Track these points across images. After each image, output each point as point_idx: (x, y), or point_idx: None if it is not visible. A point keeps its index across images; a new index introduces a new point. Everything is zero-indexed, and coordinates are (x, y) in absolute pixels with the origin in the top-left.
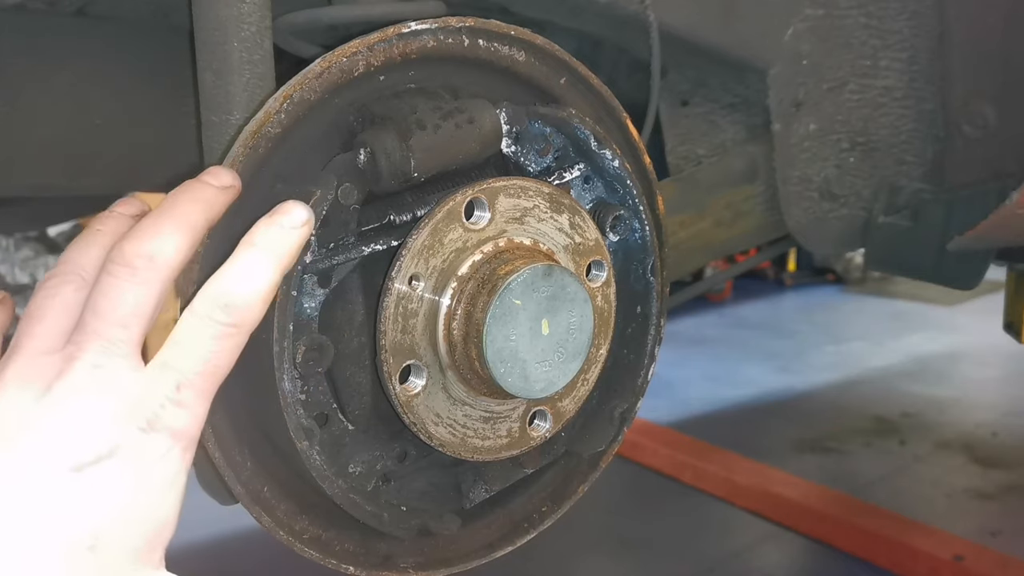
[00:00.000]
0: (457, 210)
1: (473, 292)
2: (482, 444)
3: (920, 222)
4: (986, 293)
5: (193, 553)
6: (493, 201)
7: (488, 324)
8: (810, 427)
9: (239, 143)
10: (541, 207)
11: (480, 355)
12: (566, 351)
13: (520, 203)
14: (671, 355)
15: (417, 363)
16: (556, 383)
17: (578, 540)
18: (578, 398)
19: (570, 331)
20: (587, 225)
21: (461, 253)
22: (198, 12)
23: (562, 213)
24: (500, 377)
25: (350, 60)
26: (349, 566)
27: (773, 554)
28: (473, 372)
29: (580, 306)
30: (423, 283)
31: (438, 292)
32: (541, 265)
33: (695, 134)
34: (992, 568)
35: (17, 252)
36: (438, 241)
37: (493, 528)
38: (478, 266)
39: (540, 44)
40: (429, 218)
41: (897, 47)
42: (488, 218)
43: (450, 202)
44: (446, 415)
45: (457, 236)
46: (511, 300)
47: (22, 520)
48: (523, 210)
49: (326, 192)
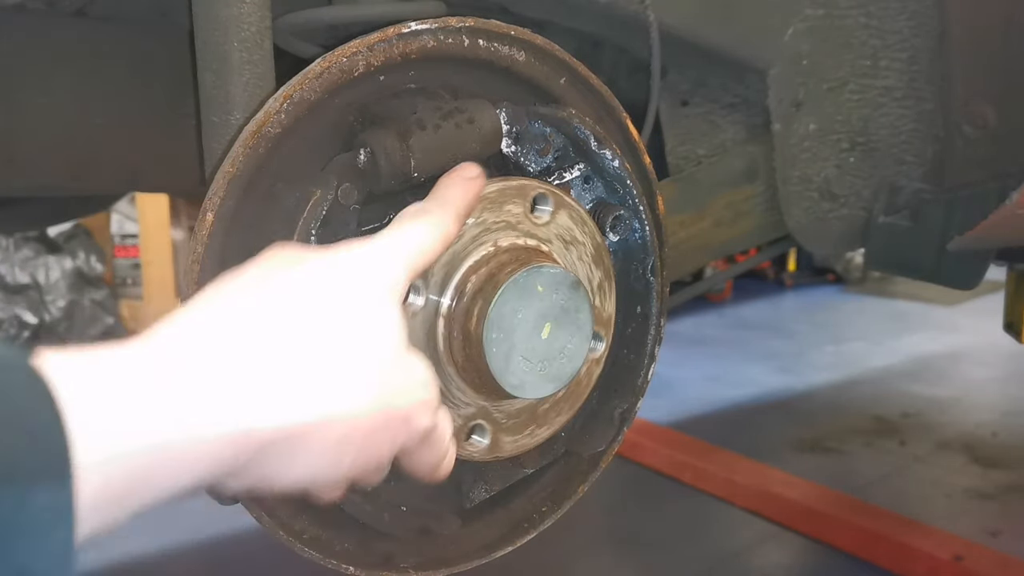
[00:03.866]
0: (528, 192)
1: (505, 261)
2: None
3: (920, 222)
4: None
5: (193, 553)
6: (558, 209)
7: (507, 286)
8: (810, 427)
9: (239, 143)
10: (587, 249)
11: (483, 311)
12: (549, 369)
13: (575, 231)
14: (671, 355)
15: (418, 284)
16: (526, 389)
17: (578, 540)
18: (519, 444)
19: (562, 353)
20: (610, 297)
21: (510, 228)
22: (198, 12)
23: (599, 268)
24: (489, 342)
25: (350, 60)
26: (349, 566)
27: (773, 554)
28: (463, 331)
29: (581, 337)
30: (470, 222)
31: (475, 242)
32: (574, 276)
33: (695, 134)
34: (992, 568)
35: (17, 252)
36: (500, 202)
37: (493, 528)
38: (518, 247)
39: (540, 44)
40: (504, 179)
41: (897, 47)
42: (547, 220)
43: (526, 180)
44: None
45: (517, 212)
46: (535, 282)
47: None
48: (574, 238)
49: (326, 192)
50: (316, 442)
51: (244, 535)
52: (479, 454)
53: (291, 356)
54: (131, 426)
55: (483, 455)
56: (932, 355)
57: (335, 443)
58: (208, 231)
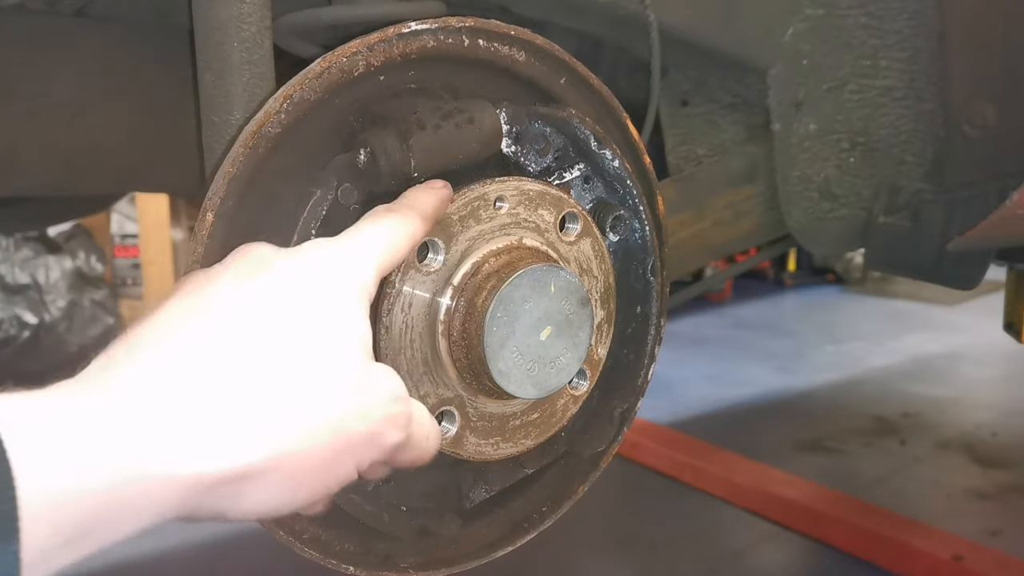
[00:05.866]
0: (562, 207)
1: (525, 255)
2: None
3: (920, 222)
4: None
5: (193, 553)
6: (581, 239)
7: (522, 274)
8: (810, 427)
9: (239, 143)
10: (599, 286)
11: (496, 287)
12: (536, 372)
13: (592, 266)
14: (671, 355)
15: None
16: (508, 380)
17: (578, 540)
18: (479, 450)
19: (553, 363)
20: (606, 341)
21: (541, 234)
22: (198, 12)
23: (603, 310)
24: (491, 319)
25: (350, 60)
26: (349, 566)
27: (773, 554)
28: (470, 306)
29: (576, 353)
30: (506, 205)
31: (504, 230)
32: (586, 289)
33: (695, 134)
34: (992, 568)
35: (17, 252)
36: (535, 206)
37: (493, 528)
38: (539, 251)
39: (540, 44)
40: (547, 183)
41: (897, 47)
42: (572, 240)
43: (564, 193)
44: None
45: (547, 229)
46: (551, 280)
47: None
48: (587, 270)
49: (326, 192)
50: (268, 479)
51: (244, 535)
52: (446, 443)
53: (241, 393)
54: (77, 477)
55: (448, 444)
56: (932, 355)
57: (288, 477)
58: (208, 231)
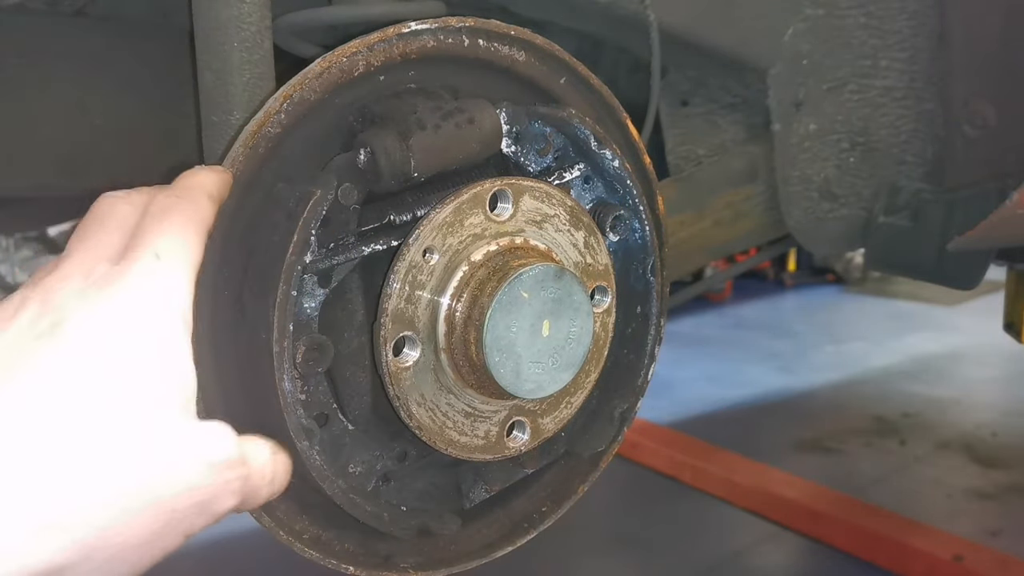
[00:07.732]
0: (483, 196)
1: (483, 279)
2: (458, 439)
3: (920, 222)
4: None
5: (193, 553)
6: (518, 198)
7: (493, 309)
8: (810, 427)
9: (239, 143)
10: (561, 217)
11: (479, 339)
12: (560, 359)
13: (543, 208)
14: (671, 355)
15: (413, 336)
16: (545, 388)
17: (578, 540)
18: (559, 419)
19: (568, 340)
20: (600, 249)
21: (478, 239)
22: (198, 12)
23: (579, 230)
24: (494, 366)
25: (350, 60)
26: (349, 566)
27: (773, 554)
28: (467, 359)
29: (583, 318)
30: (436, 257)
31: (449, 271)
32: (553, 265)
33: (695, 134)
34: (992, 568)
35: (17, 252)
36: (459, 221)
37: (493, 528)
38: (492, 256)
39: (540, 44)
40: (455, 197)
41: (897, 47)
42: (510, 213)
43: (478, 187)
44: (430, 398)
45: (478, 222)
46: (519, 291)
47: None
48: (544, 216)
49: (326, 192)
50: (86, 567)
51: (244, 535)
52: (525, 446)
53: (38, 482)
54: None
55: (528, 445)
56: (932, 355)
57: (108, 560)
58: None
